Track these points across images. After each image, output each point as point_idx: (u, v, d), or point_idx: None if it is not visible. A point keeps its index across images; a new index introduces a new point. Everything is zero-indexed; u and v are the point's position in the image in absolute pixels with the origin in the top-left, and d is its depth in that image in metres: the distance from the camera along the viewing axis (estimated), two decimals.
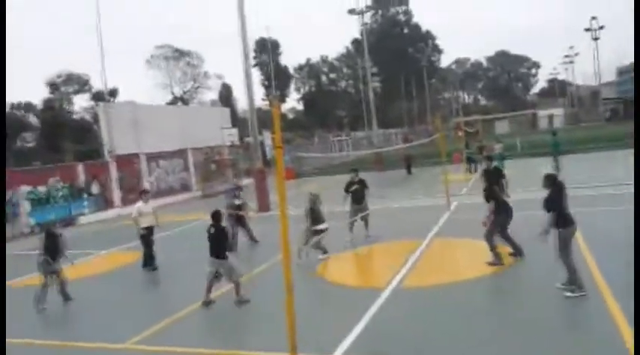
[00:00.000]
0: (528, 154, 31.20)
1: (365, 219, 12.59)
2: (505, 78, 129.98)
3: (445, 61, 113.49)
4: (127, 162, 27.05)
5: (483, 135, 43.03)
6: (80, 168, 24.97)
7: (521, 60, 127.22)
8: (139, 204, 12.13)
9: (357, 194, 12.49)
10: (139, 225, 11.85)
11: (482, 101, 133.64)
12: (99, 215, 24.53)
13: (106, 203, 25.54)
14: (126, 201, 26.36)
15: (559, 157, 22.67)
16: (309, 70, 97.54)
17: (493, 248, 9.13)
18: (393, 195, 20.73)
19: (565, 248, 7.49)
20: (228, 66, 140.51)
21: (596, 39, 61.10)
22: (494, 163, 11.97)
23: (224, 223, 9.13)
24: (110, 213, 25.03)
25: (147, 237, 11.90)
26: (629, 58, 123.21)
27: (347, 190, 12.63)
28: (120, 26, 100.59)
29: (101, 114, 27.83)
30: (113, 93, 63.68)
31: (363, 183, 12.66)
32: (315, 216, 10.90)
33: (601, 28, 60.62)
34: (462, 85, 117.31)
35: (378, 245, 12.04)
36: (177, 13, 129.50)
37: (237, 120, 53.98)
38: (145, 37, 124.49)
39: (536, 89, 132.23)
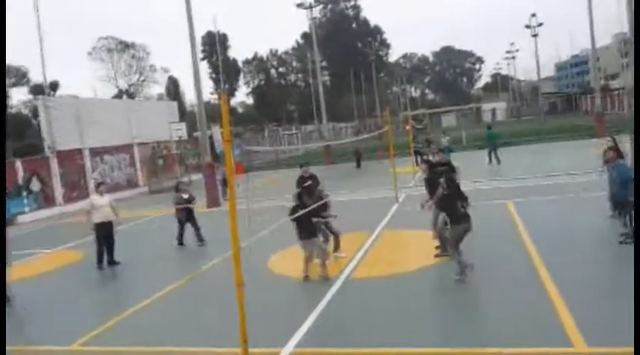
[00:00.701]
0: (473, 147, 32.16)
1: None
2: (451, 72, 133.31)
3: (393, 55, 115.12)
4: (69, 157, 26.11)
5: (430, 128, 44.07)
6: (18, 164, 23.90)
7: (465, 55, 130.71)
8: (93, 196, 11.72)
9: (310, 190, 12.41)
10: (90, 219, 11.39)
11: (430, 95, 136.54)
12: (40, 213, 23.60)
13: (47, 200, 24.58)
14: (68, 199, 25.49)
15: (495, 150, 23.59)
16: (259, 63, 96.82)
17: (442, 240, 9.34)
18: (344, 188, 20.92)
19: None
20: (176, 59, 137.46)
21: (535, 36, 63.29)
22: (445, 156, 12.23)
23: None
24: (52, 211, 24.12)
25: (101, 232, 11.41)
26: (567, 54, 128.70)
27: (300, 186, 12.50)
28: (61, 16, 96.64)
29: (41, 108, 26.67)
30: (54, 86, 61.19)
31: (315, 179, 12.52)
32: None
33: (540, 25, 62.84)
34: (409, 80, 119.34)
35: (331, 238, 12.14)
36: (122, 4, 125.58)
37: (185, 115, 53.03)
38: (88, 29, 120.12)
39: (480, 83, 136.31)
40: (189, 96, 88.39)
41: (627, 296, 6.25)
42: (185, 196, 13.09)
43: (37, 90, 53.44)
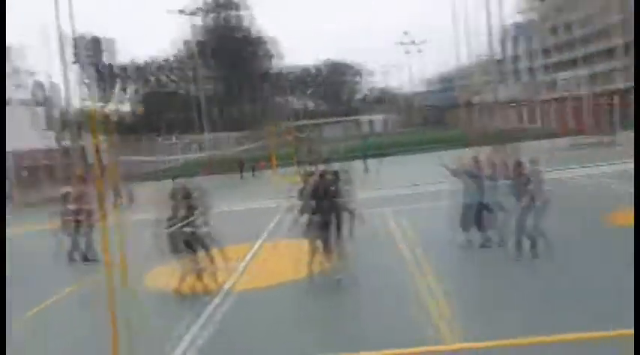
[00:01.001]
0: (352, 157, 33.23)
1: None
2: (333, 84, 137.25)
3: (277, 66, 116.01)
4: None
5: (315, 139, 44.95)
6: None
7: (346, 68, 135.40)
8: None
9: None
10: None
11: (312, 106, 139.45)
12: None
13: None
14: None
15: (368, 159, 24.79)
16: (138, 70, 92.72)
17: None
18: (226, 199, 20.65)
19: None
20: (45, 62, 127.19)
21: (407, 52, 67.59)
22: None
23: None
24: None
25: None
26: (439, 70, 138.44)
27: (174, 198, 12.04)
28: None
29: None
30: None
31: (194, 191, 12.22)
32: None
33: (412, 43, 67.21)
34: (293, 91, 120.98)
35: (213, 250, 11.87)
36: None
37: (53, 122, 49.21)
38: None
39: (360, 95, 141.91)
40: (59, 103, 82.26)
41: (484, 292, 6.82)
42: (72, 207, 12.09)
43: None
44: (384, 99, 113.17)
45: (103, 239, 5.34)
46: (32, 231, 16.66)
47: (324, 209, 8.10)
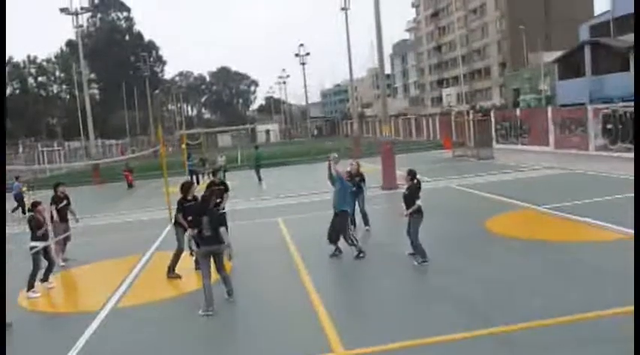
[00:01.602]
0: (248, 166, 33.13)
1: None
2: (227, 93, 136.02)
3: (169, 73, 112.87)
4: None
5: (207, 147, 44.13)
6: None
7: (241, 77, 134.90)
8: None
9: (63, 211, 11.34)
10: None
11: (206, 114, 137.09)
12: None
13: None
14: None
15: (260, 169, 24.88)
16: (13, 69, 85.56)
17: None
18: (113, 209, 19.61)
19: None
20: None
21: (303, 64, 68.68)
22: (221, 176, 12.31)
23: None
24: None
25: None
26: (331, 83, 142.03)
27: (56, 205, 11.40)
28: None
29: None
30: None
31: (68, 199, 11.57)
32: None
33: (307, 54, 68.44)
34: (185, 98, 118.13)
35: (94, 264, 11.20)
36: None
37: None
38: None
39: (255, 105, 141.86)
40: None
41: (373, 299, 7.05)
42: None
43: None
44: (279, 109, 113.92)
45: None
46: None
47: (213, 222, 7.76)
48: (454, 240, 10.52)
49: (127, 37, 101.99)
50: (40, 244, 9.14)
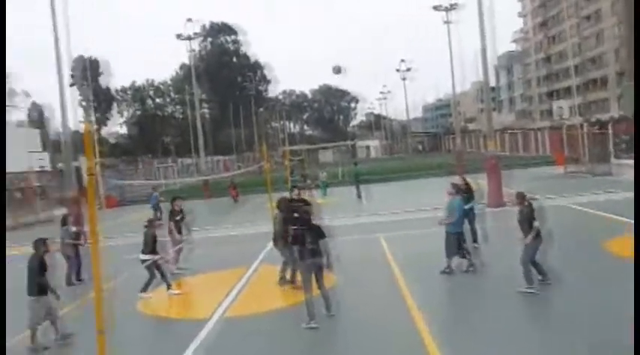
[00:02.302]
0: (349, 182, 33.32)
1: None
2: (328, 110, 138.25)
3: (273, 91, 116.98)
4: None
5: (308, 163, 45.03)
6: None
7: (342, 94, 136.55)
8: None
9: (179, 224, 12.09)
10: None
11: (308, 131, 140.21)
12: None
13: None
14: None
15: (360, 185, 24.89)
16: (135, 93, 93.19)
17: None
18: (220, 223, 20.54)
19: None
20: (41, 84, 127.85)
21: (404, 79, 68.25)
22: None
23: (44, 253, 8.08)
24: None
25: None
26: (433, 98, 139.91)
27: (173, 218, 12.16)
28: None
29: None
30: None
31: (183, 213, 12.30)
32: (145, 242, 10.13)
33: (408, 69, 67.97)
34: (288, 115, 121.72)
35: (203, 275, 11.77)
36: None
37: (49, 144, 49.19)
38: None
39: (356, 121, 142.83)
40: (56, 125, 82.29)
41: (476, 320, 6.75)
42: (73, 229, 12.13)
43: None
44: (380, 125, 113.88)
45: (94, 262, 5.26)
46: (27, 253, 16.49)
47: (303, 235, 7.93)
48: (571, 262, 9.82)
49: (235, 59, 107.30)
50: (149, 257, 9.79)
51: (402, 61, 68.36)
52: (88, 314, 7.40)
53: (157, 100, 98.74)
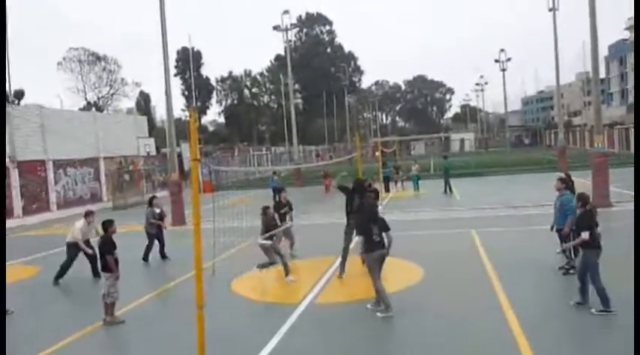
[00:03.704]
0: (441, 175, 32.63)
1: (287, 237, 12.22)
2: (421, 101, 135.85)
3: (366, 82, 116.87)
4: (31, 168, 25.41)
5: (400, 155, 44.60)
6: None
7: (436, 85, 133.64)
8: (82, 225, 11.36)
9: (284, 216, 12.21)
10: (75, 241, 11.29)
11: (400, 123, 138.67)
12: None
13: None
14: (28, 211, 24.72)
15: (449, 179, 24.27)
16: (232, 82, 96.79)
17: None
18: (312, 211, 20.89)
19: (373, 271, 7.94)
20: (148, 74, 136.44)
21: (503, 70, 65.29)
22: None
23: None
24: (9, 223, 23.31)
25: (74, 252, 11.34)
26: (533, 89, 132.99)
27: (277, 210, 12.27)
28: (30, 25, 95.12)
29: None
30: (18, 95, 59.90)
31: (289, 205, 12.41)
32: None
33: (508, 60, 64.94)
34: (380, 106, 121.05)
35: (295, 261, 12.06)
36: (97, 17, 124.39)
37: (154, 130, 52.41)
38: (58, 38, 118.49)
39: (450, 113, 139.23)
40: (160, 112, 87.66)
41: (572, 322, 6.39)
42: (157, 211, 13.09)
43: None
44: (475, 118, 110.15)
45: (195, 241, 5.57)
46: (132, 231, 17.81)
47: (369, 225, 8.02)
48: None
49: (329, 49, 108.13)
50: (266, 242, 10.16)
51: (502, 50, 65.42)
52: (187, 291, 7.91)
53: (253, 90, 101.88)
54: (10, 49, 30.06)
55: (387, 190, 26.24)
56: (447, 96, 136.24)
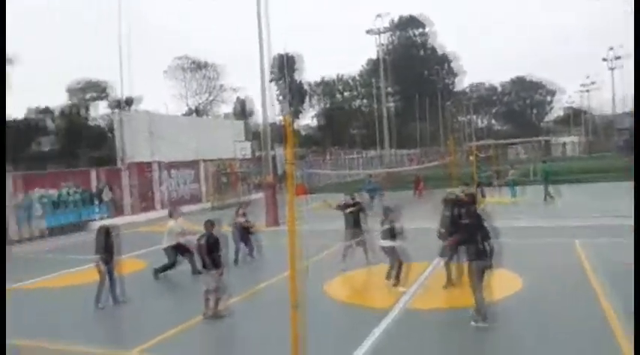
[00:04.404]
0: (541, 181, 31.05)
1: (361, 245, 11.94)
2: (520, 103, 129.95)
3: (461, 84, 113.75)
4: (140, 170, 27.30)
5: (499, 160, 42.86)
6: (93, 174, 25.22)
7: (537, 86, 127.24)
8: (174, 225, 12.34)
9: (352, 217, 11.98)
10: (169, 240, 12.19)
11: (496, 126, 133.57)
12: (109, 221, 24.63)
13: (116, 210, 25.73)
14: (136, 209, 26.56)
15: (549, 185, 22.92)
16: (325, 87, 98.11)
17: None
18: (403, 216, 20.66)
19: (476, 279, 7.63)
20: (245, 79, 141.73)
21: (612, 69, 61.01)
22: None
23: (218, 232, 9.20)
24: (121, 220, 25.16)
25: (174, 250, 12.17)
26: None
27: (342, 210, 12.19)
28: (142, 35, 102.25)
29: (116, 121, 28.22)
30: (130, 101, 64.56)
31: (359, 206, 12.17)
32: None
33: (617, 58, 60.58)
34: (476, 109, 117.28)
35: (386, 265, 12.00)
36: (199, 26, 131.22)
37: (250, 134, 54.36)
38: (167, 48, 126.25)
39: (551, 116, 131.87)
40: (256, 117, 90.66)
41: None
42: (242, 220, 13.52)
43: (116, 104, 56.33)
44: (580, 120, 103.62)
45: (290, 243, 5.73)
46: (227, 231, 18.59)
47: (474, 233, 7.73)
48: None
49: (423, 52, 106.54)
50: (391, 244, 10.18)
51: (611, 48, 61.18)
52: (280, 292, 8.16)
53: (346, 94, 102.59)
54: (125, 59, 32.33)
55: (483, 196, 25.36)
56: (548, 98, 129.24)
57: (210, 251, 8.71)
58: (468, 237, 7.88)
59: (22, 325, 8.93)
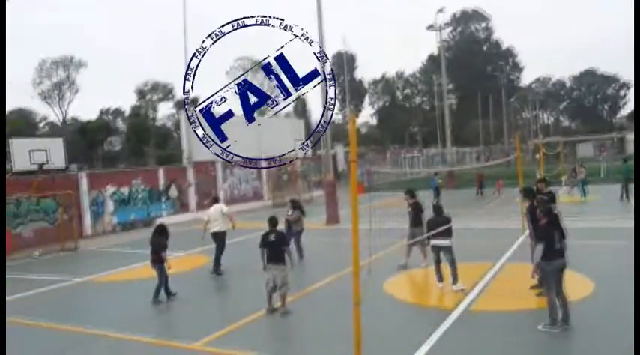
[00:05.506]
0: (613, 180, 29.54)
1: (420, 246, 11.63)
2: (590, 99, 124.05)
3: (526, 79, 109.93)
4: (204, 168, 28.08)
5: (567, 158, 41.12)
6: (160, 172, 26.18)
7: (609, 80, 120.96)
8: (215, 209, 12.78)
9: (411, 216, 11.80)
10: (207, 229, 12.69)
11: (564, 122, 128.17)
12: (175, 218, 25.50)
13: (182, 206, 26.60)
14: (201, 206, 27.35)
15: (627, 186, 21.59)
16: (384, 84, 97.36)
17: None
18: (464, 215, 20.24)
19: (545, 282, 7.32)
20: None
21: None
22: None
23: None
24: (186, 217, 26.02)
25: (216, 241, 12.56)
26: None
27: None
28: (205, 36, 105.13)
29: (182, 121, 29.13)
30: (195, 101, 66.51)
31: (416, 207, 11.85)
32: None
33: None
34: (542, 105, 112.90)
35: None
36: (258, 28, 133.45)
37: (310, 132, 54.71)
38: (229, 48, 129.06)
39: (625, 111, 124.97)
40: (316, 115, 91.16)
41: None
42: (290, 212, 13.65)
43: (181, 105, 58.22)
44: None
45: (354, 240, 5.72)
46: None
47: (551, 232, 7.36)
48: None
49: (485, 47, 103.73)
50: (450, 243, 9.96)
51: None
52: (340, 289, 8.18)
53: (406, 91, 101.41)
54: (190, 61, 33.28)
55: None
56: (622, 92, 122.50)
57: (278, 245, 8.85)
58: (543, 235, 7.56)
59: (91, 315, 9.40)
